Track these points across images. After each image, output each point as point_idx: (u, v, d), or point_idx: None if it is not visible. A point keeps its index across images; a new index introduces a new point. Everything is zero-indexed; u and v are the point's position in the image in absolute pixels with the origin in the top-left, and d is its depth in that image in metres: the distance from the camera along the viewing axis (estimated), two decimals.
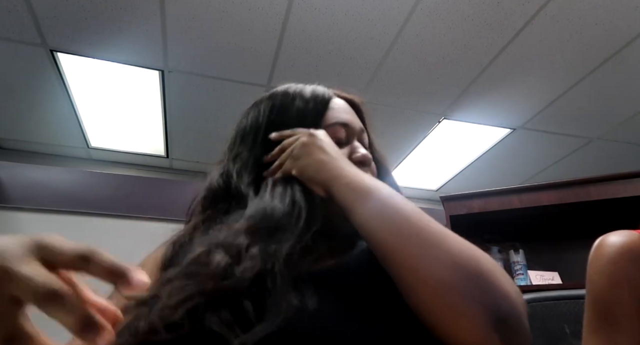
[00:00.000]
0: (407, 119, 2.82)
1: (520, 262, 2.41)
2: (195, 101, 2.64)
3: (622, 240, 0.72)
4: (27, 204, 2.07)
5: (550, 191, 2.32)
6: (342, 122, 0.64)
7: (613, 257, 0.71)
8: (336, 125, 0.64)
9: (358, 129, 0.66)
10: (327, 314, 0.45)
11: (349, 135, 0.65)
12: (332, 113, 0.65)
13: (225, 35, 2.15)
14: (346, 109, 0.68)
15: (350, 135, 0.65)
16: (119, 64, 2.34)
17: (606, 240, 0.75)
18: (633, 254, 0.70)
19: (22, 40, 2.14)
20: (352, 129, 0.65)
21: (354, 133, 0.65)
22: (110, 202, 2.21)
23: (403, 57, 2.30)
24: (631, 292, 0.69)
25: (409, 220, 0.49)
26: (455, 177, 3.55)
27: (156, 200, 2.29)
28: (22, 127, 2.88)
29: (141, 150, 3.21)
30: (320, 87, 0.69)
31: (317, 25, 2.10)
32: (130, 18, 2.04)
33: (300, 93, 0.66)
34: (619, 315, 0.68)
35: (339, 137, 0.63)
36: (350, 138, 0.65)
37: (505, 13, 2.02)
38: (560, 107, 2.67)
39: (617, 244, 0.72)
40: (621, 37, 2.15)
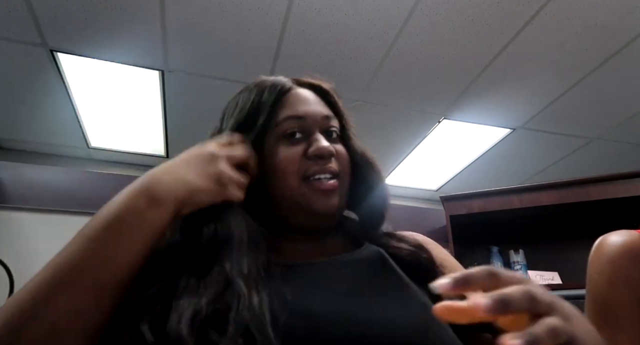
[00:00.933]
0: (407, 119, 2.82)
1: (520, 262, 2.41)
2: (195, 101, 2.64)
3: (622, 240, 0.73)
4: (27, 204, 2.07)
5: (550, 191, 2.32)
6: (295, 116, 0.61)
7: (613, 256, 0.71)
8: (288, 120, 0.61)
9: (319, 119, 0.62)
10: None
11: (306, 128, 0.61)
12: (287, 106, 0.62)
13: (225, 35, 2.15)
14: (305, 98, 0.64)
15: (308, 127, 0.61)
16: (119, 64, 2.34)
17: (606, 240, 0.75)
18: (633, 253, 0.71)
19: (22, 40, 2.14)
20: (310, 120, 0.61)
21: (313, 124, 0.61)
22: None
23: (403, 57, 2.30)
24: (631, 291, 0.69)
25: None
26: (455, 177, 3.55)
27: None
28: (22, 127, 2.88)
29: (141, 150, 3.21)
30: (279, 78, 0.66)
31: (317, 25, 2.10)
32: (130, 18, 2.04)
33: (259, 87, 0.65)
34: (619, 314, 0.68)
35: (293, 133, 0.60)
36: (308, 131, 0.61)
37: (505, 13, 2.02)
38: (560, 107, 2.67)
39: (617, 244, 0.72)
40: (621, 37, 2.15)
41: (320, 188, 0.58)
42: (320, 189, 0.58)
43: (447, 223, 2.44)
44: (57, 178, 2.22)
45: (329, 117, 0.63)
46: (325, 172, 0.58)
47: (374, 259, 0.56)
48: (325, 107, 0.65)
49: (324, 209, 0.58)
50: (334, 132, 0.63)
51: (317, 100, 0.65)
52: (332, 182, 0.58)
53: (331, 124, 0.63)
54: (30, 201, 2.06)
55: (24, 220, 2.02)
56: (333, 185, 0.58)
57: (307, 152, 0.59)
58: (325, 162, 0.59)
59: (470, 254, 2.51)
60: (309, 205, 0.57)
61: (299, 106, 0.62)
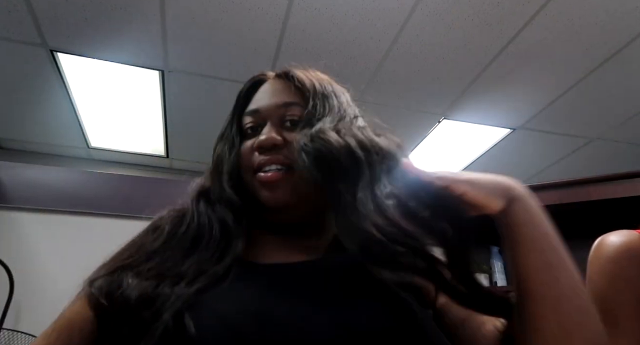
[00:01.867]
0: (407, 119, 2.82)
1: None
2: (195, 101, 2.64)
3: (621, 240, 0.72)
4: (27, 204, 2.07)
5: (550, 191, 2.32)
6: (250, 111, 0.61)
7: (613, 256, 0.71)
8: (245, 117, 0.62)
9: (273, 109, 0.60)
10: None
11: (260, 121, 0.60)
12: (252, 101, 0.63)
13: (225, 35, 2.15)
14: (266, 90, 0.63)
15: (261, 119, 0.60)
16: (119, 64, 2.34)
17: (606, 240, 0.75)
18: (632, 253, 0.71)
19: (22, 40, 2.14)
20: (263, 113, 0.60)
21: (267, 116, 0.59)
22: (110, 202, 2.20)
23: (403, 56, 2.30)
24: (630, 291, 0.69)
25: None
26: None
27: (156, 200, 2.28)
28: (22, 127, 2.88)
29: (141, 150, 3.21)
30: (258, 73, 0.67)
31: (317, 25, 2.10)
32: (130, 18, 2.04)
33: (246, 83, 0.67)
34: (618, 314, 0.68)
35: (247, 128, 0.61)
36: (262, 124, 0.59)
37: (505, 13, 2.02)
38: (560, 107, 2.67)
39: (617, 244, 0.72)
40: (621, 37, 2.15)
41: (262, 180, 0.57)
42: (261, 181, 0.57)
43: None
44: (57, 178, 2.22)
45: (285, 105, 0.59)
46: (270, 164, 0.57)
47: (352, 264, 0.53)
48: (289, 95, 0.60)
49: (267, 201, 0.56)
50: (288, 121, 0.59)
51: (280, 90, 0.62)
52: (273, 174, 0.56)
53: (287, 112, 0.59)
54: (30, 201, 2.06)
55: (24, 220, 2.02)
56: (275, 176, 0.55)
57: (253, 147, 0.59)
58: (269, 153, 0.57)
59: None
60: (259, 199, 0.57)
61: (255, 102, 0.62)
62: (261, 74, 0.66)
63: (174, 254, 0.52)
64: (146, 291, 0.45)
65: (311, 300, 0.47)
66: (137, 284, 0.46)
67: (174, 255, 0.52)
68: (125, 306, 0.44)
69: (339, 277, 0.52)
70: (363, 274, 0.50)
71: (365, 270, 0.49)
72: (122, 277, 0.48)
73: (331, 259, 0.56)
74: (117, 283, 0.47)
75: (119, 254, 0.54)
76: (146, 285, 0.46)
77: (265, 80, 0.65)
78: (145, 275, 0.48)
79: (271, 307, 0.45)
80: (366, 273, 0.49)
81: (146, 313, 0.43)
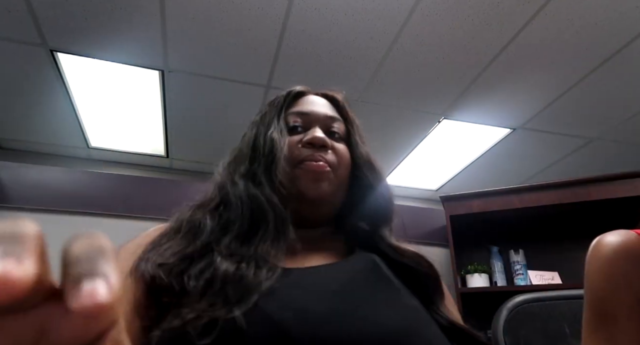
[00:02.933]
0: (407, 119, 2.82)
1: (520, 262, 2.41)
2: (195, 101, 2.64)
3: (619, 240, 0.72)
4: (27, 204, 2.07)
5: (550, 191, 2.32)
6: (300, 112, 0.67)
7: (610, 256, 0.71)
8: (292, 114, 0.67)
9: (322, 117, 0.67)
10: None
11: (307, 123, 0.66)
12: (297, 105, 0.69)
13: (225, 35, 2.15)
14: (313, 101, 0.70)
15: (310, 123, 0.66)
16: (119, 64, 2.34)
17: (603, 240, 0.75)
18: (630, 253, 0.71)
19: (22, 40, 2.15)
20: (312, 117, 0.67)
21: (315, 120, 0.67)
22: (110, 202, 2.21)
23: (403, 57, 2.30)
24: (629, 291, 0.69)
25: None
26: (455, 177, 3.55)
27: (156, 200, 2.28)
28: (22, 127, 2.88)
29: (141, 150, 3.21)
30: (295, 86, 0.72)
31: (317, 25, 2.10)
32: (130, 18, 2.04)
33: (278, 95, 0.71)
34: (617, 314, 0.68)
35: (294, 125, 0.66)
36: (309, 125, 0.66)
37: (505, 13, 2.02)
38: (560, 107, 2.67)
39: (614, 243, 0.72)
40: (621, 37, 2.15)
41: (309, 169, 0.60)
42: (309, 169, 0.60)
43: (447, 223, 2.44)
44: (57, 178, 2.22)
45: (332, 118, 0.68)
46: (318, 158, 0.61)
47: (366, 265, 0.57)
48: (332, 110, 0.70)
49: (310, 190, 0.60)
50: (335, 133, 0.67)
51: (325, 104, 0.70)
52: (321, 164, 0.61)
53: (334, 125, 0.68)
54: (30, 201, 2.06)
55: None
56: (322, 167, 0.61)
57: (302, 140, 0.63)
58: (317, 150, 0.62)
59: (470, 254, 2.52)
60: (299, 189, 0.59)
61: (305, 105, 0.69)
62: (303, 87, 0.73)
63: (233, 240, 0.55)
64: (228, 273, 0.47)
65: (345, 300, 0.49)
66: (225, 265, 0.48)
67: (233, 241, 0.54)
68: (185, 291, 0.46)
69: (359, 276, 0.55)
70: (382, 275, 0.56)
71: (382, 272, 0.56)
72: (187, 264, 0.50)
73: (348, 262, 0.59)
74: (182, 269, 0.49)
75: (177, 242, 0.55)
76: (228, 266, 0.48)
77: (307, 93, 0.72)
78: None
79: (311, 305, 0.47)
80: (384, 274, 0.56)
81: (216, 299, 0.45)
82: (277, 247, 0.53)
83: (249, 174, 0.61)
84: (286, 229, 0.56)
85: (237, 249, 0.52)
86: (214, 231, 0.56)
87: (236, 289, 0.45)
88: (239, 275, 0.47)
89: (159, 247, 0.53)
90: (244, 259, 0.50)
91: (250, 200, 0.58)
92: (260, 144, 0.63)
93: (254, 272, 0.47)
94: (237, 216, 0.57)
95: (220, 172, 0.67)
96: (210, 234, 0.55)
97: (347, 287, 0.52)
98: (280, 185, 0.58)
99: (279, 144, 0.62)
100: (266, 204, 0.57)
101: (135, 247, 0.55)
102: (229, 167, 0.66)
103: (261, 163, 0.61)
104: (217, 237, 0.55)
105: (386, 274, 0.56)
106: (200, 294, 0.45)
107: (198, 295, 0.45)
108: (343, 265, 0.57)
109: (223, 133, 2.86)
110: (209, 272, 0.48)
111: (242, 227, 0.56)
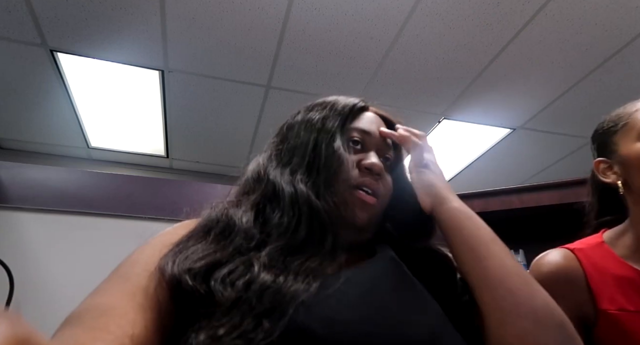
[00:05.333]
0: (407, 119, 2.80)
1: (520, 262, 2.41)
2: (195, 101, 2.64)
3: (556, 260, 0.81)
4: (27, 204, 2.07)
5: (550, 191, 2.32)
6: (362, 129, 0.65)
7: (549, 276, 0.79)
8: (354, 130, 0.65)
9: (379, 141, 0.66)
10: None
11: (367, 143, 0.65)
12: (359, 119, 0.66)
13: (225, 35, 2.15)
14: (374, 120, 0.68)
15: (369, 143, 0.65)
16: (119, 64, 2.34)
17: (542, 261, 0.84)
18: (564, 272, 0.79)
19: (22, 40, 2.14)
20: (372, 138, 0.65)
21: (374, 143, 0.65)
22: (110, 202, 2.20)
23: (403, 57, 2.30)
24: (565, 308, 0.77)
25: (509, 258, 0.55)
26: (455, 177, 3.55)
27: (156, 200, 2.28)
28: (22, 127, 2.88)
29: (141, 150, 3.21)
30: (359, 99, 0.70)
31: (317, 25, 2.10)
32: (130, 18, 2.04)
33: (334, 100, 0.69)
34: None
35: (355, 141, 0.64)
36: (368, 146, 0.64)
37: (505, 13, 2.02)
38: (560, 107, 2.67)
39: (552, 264, 0.81)
40: (621, 37, 2.15)
41: (363, 198, 0.59)
42: (362, 199, 0.59)
43: None
44: (57, 178, 2.22)
45: (388, 145, 0.67)
46: (374, 187, 0.61)
47: (388, 265, 0.57)
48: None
49: (358, 218, 0.59)
50: (388, 160, 0.67)
51: (382, 125, 0.69)
52: (373, 197, 0.60)
53: (388, 151, 0.67)
54: (30, 201, 2.06)
55: (24, 220, 2.02)
56: (374, 200, 0.60)
57: (360, 163, 0.61)
58: (374, 177, 0.61)
59: None
60: (343, 214, 0.57)
61: (367, 124, 0.66)
62: (364, 101, 0.71)
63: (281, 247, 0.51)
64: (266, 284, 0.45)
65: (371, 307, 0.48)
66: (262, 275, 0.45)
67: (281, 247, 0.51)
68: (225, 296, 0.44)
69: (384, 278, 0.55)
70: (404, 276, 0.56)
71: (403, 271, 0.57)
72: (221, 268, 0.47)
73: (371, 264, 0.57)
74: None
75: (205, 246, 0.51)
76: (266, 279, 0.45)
77: (369, 109, 0.70)
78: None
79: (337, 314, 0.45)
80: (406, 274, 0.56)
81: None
82: (324, 266, 0.50)
83: (309, 182, 0.57)
84: (338, 253, 0.52)
85: (279, 261, 0.48)
86: (252, 234, 0.52)
87: (272, 302, 0.43)
88: (276, 288, 0.44)
89: (186, 250, 0.49)
90: (285, 272, 0.47)
91: (310, 212, 0.54)
92: (324, 153, 0.60)
93: (291, 285, 0.45)
94: (288, 223, 0.53)
95: (261, 163, 0.62)
96: (246, 236, 0.51)
97: (372, 292, 0.51)
98: (334, 206, 0.55)
99: (345, 160, 0.59)
100: (328, 222, 0.53)
101: (161, 246, 0.51)
102: (276, 162, 0.62)
103: (321, 174, 0.58)
104: (257, 243, 0.51)
105: (407, 274, 0.56)
106: (231, 306, 0.42)
107: (228, 307, 0.42)
108: (366, 269, 0.55)
109: (223, 133, 2.85)
110: (243, 282, 0.44)
111: (294, 240, 0.52)
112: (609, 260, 0.79)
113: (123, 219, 2.20)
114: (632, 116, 0.89)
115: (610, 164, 0.88)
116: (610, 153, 0.88)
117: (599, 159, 0.90)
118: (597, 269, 0.78)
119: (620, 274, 0.76)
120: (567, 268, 0.79)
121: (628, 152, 0.83)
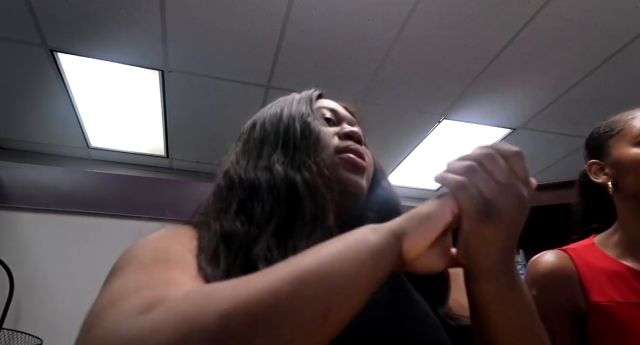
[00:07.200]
0: (407, 119, 2.82)
1: (520, 262, 2.41)
2: (195, 101, 2.64)
3: (551, 261, 0.85)
4: (27, 204, 2.07)
5: (550, 191, 2.32)
6: (329, 107, 0.65)
7: (545, 276, 0.84)
8: (322, 109, 0.65)
9: (349, 117, 0.66)
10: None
11: (338, 119, 0.65)
12: (322, 102, 0.67)
13: (225, 35, 2.15)
14: (335, 103, 0.69)
15: (339, 119, 0.65)
16: (119, 64, 2.34)
17: (538, 261, 0.87)
18: (559, 273, 0.83)
19: (22, 40, 2.14)
20: (340, 115, 0.65)
21: (343, 118, 0.65)
22: (110, 202, 2.20)
23: (403, 57, 2.30)
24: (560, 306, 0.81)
25: None
26: None
27: (156, 200, 2.28)
28: (22, 127, 2.88)
29: (141, 150, 3.21)
30: (314, 89, 0.70)
31: (317, 25, 2.10)
32: (130, 18, 2.04)
33: (294, 95, 0.68)
34: (554, 330, 0.77)
35: (327, 119, 0.63)
36: (339, 122, 0.64)
37: (505, 13, 2.02)
38: (560, 107, 2.67)
39: (547, 264, 0.85)
40: (621, 37, 2.15)
41: (351, 160, 0.57)
42: (350, 160, 0.57)
43: None
44: (57, 178, 2.22)
45: (356, 121, 0.67)
46: (358, 153, 0.58)
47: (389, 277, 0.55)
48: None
49: (352, 182, 0.56)
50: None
51: (346, 108, 0.69)
52: (361, 161, 0.58)
53: (356, 127, 0.66)
54: (30, 201, 2.06)
55: (24, 220, 2.02)
56: (362, 163, 0.58)
57: (340, 133, 0.60)
58: (358, 145, 0.60)
59: None
60: (339, 177, 0.55)
61: (332, 104, 0.67)
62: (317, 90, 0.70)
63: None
64: None
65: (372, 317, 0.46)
66: None
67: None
68: None
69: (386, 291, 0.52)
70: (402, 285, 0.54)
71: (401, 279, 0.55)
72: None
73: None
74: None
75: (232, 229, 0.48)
76: None
77: (322, 95, 0.70)
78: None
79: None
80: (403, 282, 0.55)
81: None
82: (314, 240, 0.45)
83: (286, 160, 0.54)
84: (325, 216, 0.49)
85: (275, 253, 0.45)
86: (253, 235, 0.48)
87: None
88: None
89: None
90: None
91: (287, 187, 0.50)
92: (297, 128, 0.57)
93: None
94: (271, 208, 0.49)
95: (233, 164, 0.58)
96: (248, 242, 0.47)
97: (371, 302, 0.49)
98: (324, 169, 0.52)
99: (322, 130, 0.57)
100: (304, 188, 0.50)
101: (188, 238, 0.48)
102: (245, 160, 0.57)
103: (299, 148, 0.55)
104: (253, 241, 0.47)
105: (404, 281, 0.55)
106: None
107: None
108: None
109: (223, 133, 2.85)
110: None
111: (279, 220, 0.48)
112: (599, 258, 0.84)
113: (123, 219, 2.20)
114: (628, 123, 0.93)
115: (602, 165, 0.91)
116: (603, 155, 0.92)
117: (593, 161, 0.93)
118: (588, 266, 0.83)
119: (610, 269, 0.81)
120: (560, 266, 0.84)
121: (621, 155, 0.87)
